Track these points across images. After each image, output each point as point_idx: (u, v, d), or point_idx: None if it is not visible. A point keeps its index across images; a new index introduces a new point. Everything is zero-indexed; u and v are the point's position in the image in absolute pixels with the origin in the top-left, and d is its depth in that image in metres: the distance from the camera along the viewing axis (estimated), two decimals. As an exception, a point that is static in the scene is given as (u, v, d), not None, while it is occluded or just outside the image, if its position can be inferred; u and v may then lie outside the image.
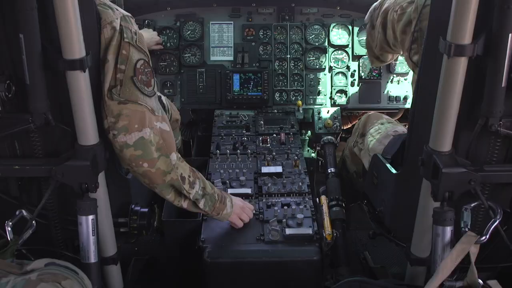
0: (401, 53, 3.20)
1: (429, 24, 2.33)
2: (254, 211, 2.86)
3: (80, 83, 2.16)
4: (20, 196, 2.46)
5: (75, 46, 2.08)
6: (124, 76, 2.30)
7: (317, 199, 3.13)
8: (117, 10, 2.36)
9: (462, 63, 2.03)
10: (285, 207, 2.90)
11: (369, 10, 3.35)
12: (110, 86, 2.30)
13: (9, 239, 2.25)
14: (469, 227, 2.22)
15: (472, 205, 2.25)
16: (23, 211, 2.35)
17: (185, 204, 2.61)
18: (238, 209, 2.77)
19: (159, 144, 2.40)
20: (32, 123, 2.22)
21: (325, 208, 3.00)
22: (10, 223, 2.27)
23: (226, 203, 2.72)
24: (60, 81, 2.17)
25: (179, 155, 2.55)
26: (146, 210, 2.74)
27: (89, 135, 2.28)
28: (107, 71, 2.29)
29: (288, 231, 2.69)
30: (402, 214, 2.75)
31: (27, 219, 2.33)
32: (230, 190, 3.03)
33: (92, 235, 2.38)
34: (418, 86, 2.49)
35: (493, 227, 2.19)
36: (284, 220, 2.78)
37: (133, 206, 2.73)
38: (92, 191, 2.34)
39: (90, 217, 2.35)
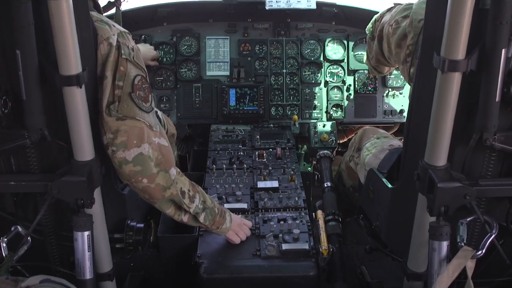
0: (396, 66, 3.23)
1: (423, 39, 2.35)
2: (251, 227, 2.86)
3: (77, 99, 2.16)
4: (15, 212, 2.45)
5: (72, 62, 2.09)
6: (122, 92, 2.31)
7: (314, 214, 3.13)
8: (114, 26, 2.37)
9: (456, 78, 2.05)
10: (282, 222, 2.89)
11: (371, 21, 3.39)
12: (108, 103, 2.31)
13: (4, 255, 2.23)
14: (465, 241, 2.22)
15: (468, 219, 2.25)
16: (19, 227, 2.33)
17: (185, 219, 2.60)
18: (235, 226, 2.77)
19: (158, 160, 2.40)
20: (28, 138, 2.21)
21: (321, 223, 2.99)
22: (5, 239, 2.25)
23: (226, 217, 2.73)
24: (57, 97, 2.18)
25: (179, 170, 2.55)
26: (142, 225, 2.73)
27: (85, 150, 2.27)
28: (105, 87, 2.30)
29: (284, 246, 2.68)
30: (398, 229, 2.75)
31: (22, 235, 2.31)
32: (226, 205, 3.02)
33: (88, 251, 2.37)
34: (413, 101, 2.50)
35: (489, 241, 2.19)
36: (281, 235, 2.77)
37: (129, 221, 2.72)
38: (88, 206, 2.33)
39: (86, 233, 2.34)
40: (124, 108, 2.32)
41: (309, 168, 4.33)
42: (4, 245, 2.24)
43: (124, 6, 4.17)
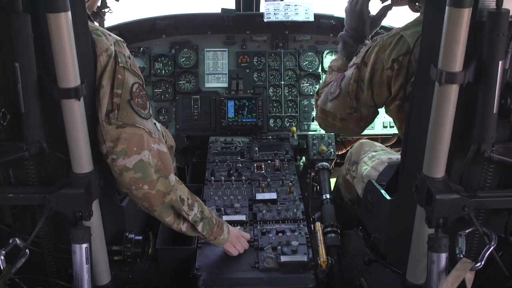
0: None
1: (421, 52, 2.36)
2: (250, 239, 2.85)
3: (75, 112, 2.17)
4: (13, 224, 2.45)
5: (70, 75, 2.10)
6: (121, 100, 2.32)
7: (312, 225, 3.12)
8: (109, 35, 2.39)
9: (453, 90, 2.05)
10: (280, 234, 2.88)
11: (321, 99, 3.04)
12: (107, 111, 2.32)
13: (1, 267, 2.23)
14: (464, 253, 2.22)
15: (467, 231, 2.24)
16: (17, 239, 2.33)
17: (184, 227, 2.60)
18: (233, 238, 2.76)
19: (158, 166, 2.41)
20: (26, 151, 2.22)
21: (319, 235, 2.99)
22: (3, 252, 2.24)
23: (224, 228, 2.73)
24: (55, 109, 2.18)
25: (178, 178, 2.56)
26: (140, 237, 2.72)
27: (83, 163, 2.28)
28: (103, 96, 2.31)
29: (283, 258, 2.68)
30: (397, 241, 2.75)
31: (21, 248, 2.31)
32: (224, 217, 3.02)
33: (86, 264, 2.36)
34: (410, 113, 2.51)
35: (488, 253, 2.18)
36: (279, 247, 2.76)
37: (127, 233, 2.71)
38: (86, 219, 2.33)
39: (84, 245, 2.34)
40: (124, 116, 2.33)
41: (308, 180, 4.33)
42: (2, 257, 2.23)
43: (122, 19, 4.24)
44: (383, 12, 3.07)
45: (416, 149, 2.38)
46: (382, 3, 3.01)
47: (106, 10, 2.59)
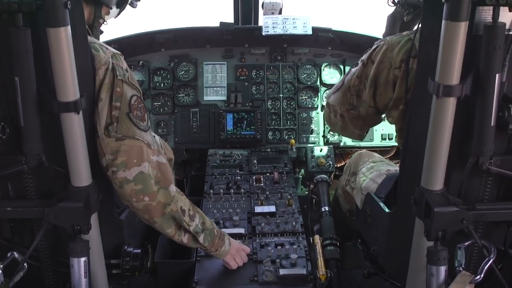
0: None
1: (418, 64, 2.37)
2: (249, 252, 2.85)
3: (74, 125, 2.18)
4: (12, 238, 2.44)
5: (70, 88, 2.11)
6: (120, 112, 2.34)
7: (311, 238, 3.12)
8: (107, 49, 2.40)
9: (451, 103, 2.07)
10: (279, 247, 2.88)
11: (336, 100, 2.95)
12: (106, 124, 2.33)
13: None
14: (463, 266, 2.21)
15: (466, 243, 2.24)
16: (15, 253, 2.32)
17: (185, 239, 2.60)
18: (234, 250, 2.76)
19: (158, 177, 2.42)
20: (25, 164, 2.22)
21: (318, 248, 2.98)
22: (1, 265, 2.23)
23: (225, 240, 2.73)
24: (54, 123, 2.19)
25: (178, 190, 2.57)
26: (139, 251, 2.72)
27: (82, 176, 2.28)
28: (101, 109, 2.32)
29: (282, 271, 2.67)
30: (396, 253, 2.74)
31: (19, 261, 2.30)
32: (223, 230, 3.01)
33: (84, 278, 2.35)
34: (409, 125, 2.51)
35: (487, 266, 2.18)
36: (278, 260, 2.76)
37: (125, 247, 2.71)
38: (85, 232, 2.32)
39: (82, 259, 2.33)
40: (123, 128, 2.35)
41: (306, 192, 4.33)
42: (0, 271, 2.22)
43: (122, 33, 4.26)
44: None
45: (414, 162, 2.38)
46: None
47: (101, 21, 2.60)
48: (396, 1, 3.00)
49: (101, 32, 2.78)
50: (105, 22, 2.69)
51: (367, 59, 2.73)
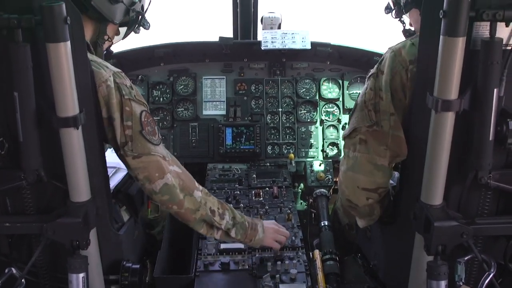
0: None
1: (417, 79, 2.38)
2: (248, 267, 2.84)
3: (74, 140, 2.18)
4: (10, 254, 2.43)
5: (69, 104, 2.11)
6: (133, 131, 2.40)
7: (311, 253, 3.10)
8: (107, 68, 2.41)
9: (449, 118, 2.07)
10: (279, 262, 2.86)
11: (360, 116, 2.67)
12: (121, 144, 2.39)
13: (-3, 298, 2.21)
14: (463, 280, 2.21)
15: (466, 258, 2.24)
16: (13, 268, 2.31)
17: (217, 236, 2.70)
18: (271, 233, 2.86)
19: (181, 185, 2.52)
20: (24, 180, 2.22)
21: (318, 262, 2.97)
22: (-1, 282, 2.23)
23: (258, 229, 2.80)
24: (53, 138, 2.19)
25: (205, 190, 2.66)
26: (137, 266, 2.70)
27: (81, 191, 2.27)
28: (116, 129, 2.38)
29: (281, 286, 2.65)
30: (396, 268, 2.73)
31: (17, 277, 2.29)
32: (223, 245, 2.99)
33: (83, 293, 2.34)
34: (407, 140, 2.51)
35: (487, 280, 2.18)
36: (278, 275, 2.74)
37: (124, 262, 2.69)
38: (83, 248, 2.31)
39: (81, 274, 2.31)
40: (138, 147, 2.41)
41: (306, 206, 4.32)
42: (-2, 287, 2.22)
43: (121, 47, 4.27)
44: None
45: (413, 176, 2.38)
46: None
47: (106, 38, 2.60)
48: (391, 8, 2.92)
49: (111, 52, 2.80)
50: (112, 42, 2.71)
51: (377, 70, 2.58)
